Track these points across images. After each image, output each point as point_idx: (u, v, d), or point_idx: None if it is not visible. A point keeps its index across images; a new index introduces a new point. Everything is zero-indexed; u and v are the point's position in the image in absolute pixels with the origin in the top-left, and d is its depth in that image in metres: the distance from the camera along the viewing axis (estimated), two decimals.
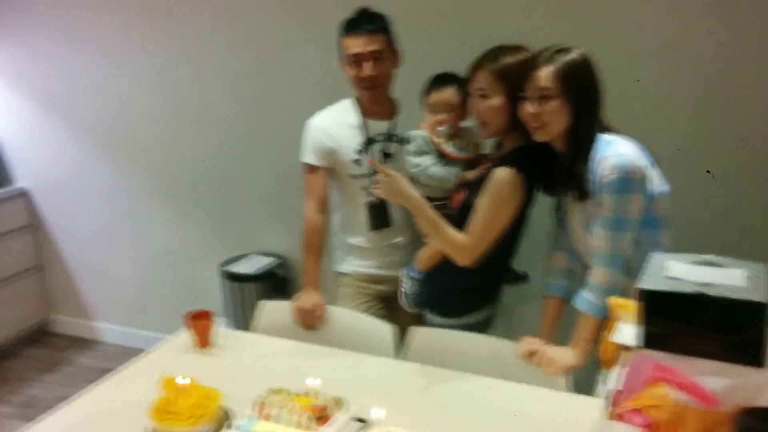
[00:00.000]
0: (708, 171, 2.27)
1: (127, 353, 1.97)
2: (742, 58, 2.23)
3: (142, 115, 3.27)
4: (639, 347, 1.36)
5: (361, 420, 1.54)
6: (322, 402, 1.50)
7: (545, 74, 1.68)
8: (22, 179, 3.66)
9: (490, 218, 1.85)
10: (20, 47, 3.41)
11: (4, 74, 3.50)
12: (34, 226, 3.70)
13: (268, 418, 1.47)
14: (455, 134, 2.05)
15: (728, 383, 1.26)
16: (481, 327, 2.07)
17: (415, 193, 1.90)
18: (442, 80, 2.05)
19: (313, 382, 1.54)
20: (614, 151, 1.66)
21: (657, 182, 1.73)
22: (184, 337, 2.01)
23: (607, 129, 1.76)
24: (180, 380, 1.58)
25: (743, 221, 2.35)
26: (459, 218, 1.93)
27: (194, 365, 1.85)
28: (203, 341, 1.98)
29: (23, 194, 3.64)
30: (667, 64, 2.31)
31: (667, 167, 1.79)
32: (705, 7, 2.23)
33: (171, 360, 1.90)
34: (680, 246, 1.74)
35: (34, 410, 1.97)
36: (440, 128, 2.02)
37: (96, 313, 3.75)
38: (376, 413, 1.44)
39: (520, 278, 2.13)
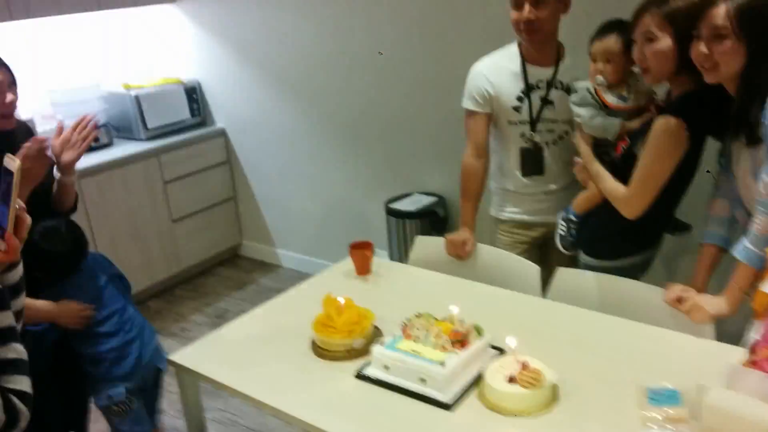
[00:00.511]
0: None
1: (302, 277, 2.22)
2: None
3: (321, 62, 3.51)
4: None
5: (496, 348, 1.65)
6: (462, 328, 1.62)
7: (723, 12, 1.57)
8: (219, 120, 4.11)
9: (652, 170, 1.83)
10: (219, 1, 3.77)
11: (205, 25, 3.91)
12: (229, 161, 4.16)
13: (411, 338, 1.62)
14: (619, 83, 1.99)
15: None
16: (635, 271, 2.07)
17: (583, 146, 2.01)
18: (605, 28, 1.99)
19: (454, 309, 1.66)
20: None
21: None
22: (348, 264, 2.21)
23: None
24: (340, 299, 1.78)
25: None
26: (622, 167, 1.93)
27: (354, 289, 2.06)
28: (363, 269, 2.18)
29: (222, 134, 4.09)
30: None
31: None
32: None
33: (335, 284, 2.11)
34: None
35: (223, 320, 2.31)
36: (599, 77, 1.99)
37: (278, 240, 4.18)
38: (510, 341, 1.53)
39: (683, 228, 2.08)
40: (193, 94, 3.99)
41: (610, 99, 1.99)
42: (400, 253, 3.16)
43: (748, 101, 1.61)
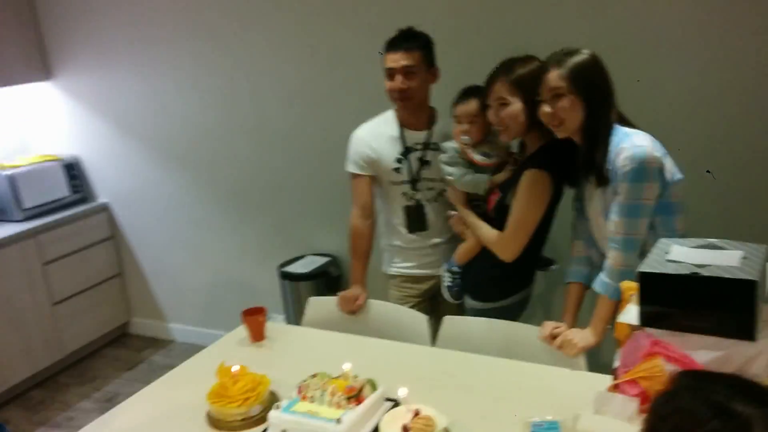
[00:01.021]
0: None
1: (197, 350, 2.20)
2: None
3: (207, 131, 3.54)
4: (638, 326, 1.47)
5: (391, 400, 1.71)
6: (356, 383, 1.67)
7: (555, 75, 1.80)
8: (102, 194, 4.00)
9: (525, 217, 2.04)
10: (99, 75, 3.74)
11: (83, 100, 3.84)
12: (114, 237, 4.04)
13: (308, 398, 1.65)
14: (481, 142, 2.20)
15: (719, 356, 1.36)
16: (516, 309, 2.26)
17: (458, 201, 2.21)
18: (465, 93, 2.21)
19: (347, 366, 1.71)
20: (631, 143, 1.75)
21: (671, 170, 1.81)
22: (242, 332, 2.21)
23: (624, 121, 1.86)
24: (234, 368, 1.79)
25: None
26: (496, 218, 2.12)
27: (249, 356, 2.06)
28: (257, 335, 2.18)
29: (104, 209, 3.98)
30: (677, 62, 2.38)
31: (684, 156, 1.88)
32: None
33: (229, 352, 2.10)
34: (697, 230, 1.83)
35: (112, 405, 2.19)
36: (464, 137, 2.18)
37: (170, 314, 4.06)
38: (401, 391, 1.59)
39: (548, 264, 2.29)
40: (73, 171, 3.88)
41: (477, 157, 2.17)
42: (297, 316, 3.17)
43: (593, 147, 1.83)
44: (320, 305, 2.41)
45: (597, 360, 1.96)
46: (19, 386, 3.55)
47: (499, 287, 2.22)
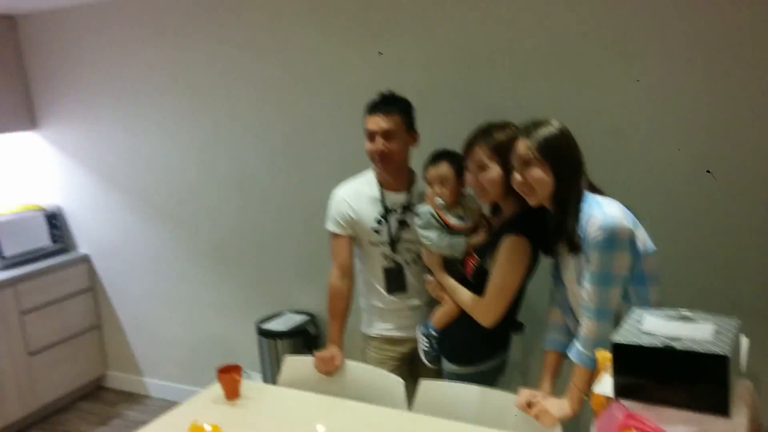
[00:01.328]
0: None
1: (172, 406, 2.16)
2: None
3: (188, 185, 3.56)
4: (613, 397, 1.47)
5: None
6: None
7: (523, 145, 1.86)
8: (82, 245, 3.99)
9: (506, 282, 2.05)
10: (83, 126, 3.78)
11: (68, 151, 3.87)
12: (93, 288, 4.00)
13: None
14: (454, 204, 2.23)
15: (694, 431, 1.35)
16: (494, 373, 2.25)
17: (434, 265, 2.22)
18: (436, 157, 2.25)
19: (321, 429, 1.69)
20: (602, 212, 1.78)
21: (644, 241, 1.84)
22: (217, 389, 2.19)
23: (595, 190, 1.90)
24: (206, 427, 1.76)
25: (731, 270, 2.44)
26: (474, 283, 2.13)
27: (222, 415, 2.03)
28: (232, 393, 2.16)
29: (85, 260, 3.96)
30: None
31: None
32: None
33: (203, 410, 2.08)
34: (672, 299, 1.86)
35: None
36: (438, 200, 2.21)
37: (146, 369, 4.00)
38: None
39: (519, 327, 2.29)
40: (54, 220, 3.87)
41: (452, 220, 2.20)
42: (274, 373, 3.13)
43: (563, 214, 1.87)
44: (296, 364, 2.38)
45: (575, 429, 1.94)
46: None
47: (476, 351, 2.21)
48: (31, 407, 3.63)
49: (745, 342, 1.60)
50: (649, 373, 1.44)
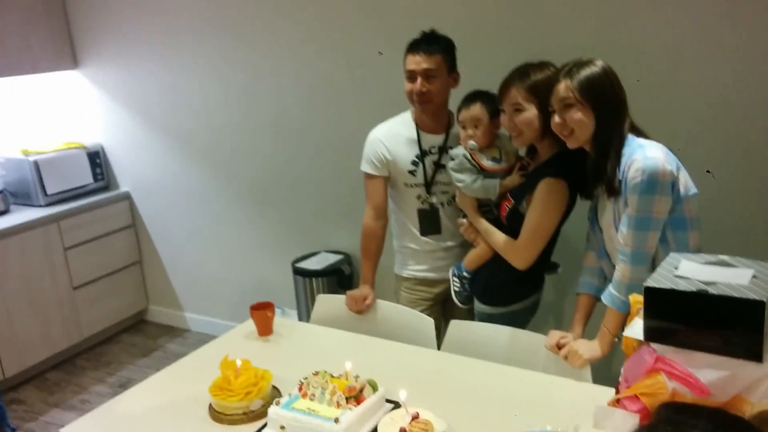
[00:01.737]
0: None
1: (210, 341, 2.23)
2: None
3: (227, 126, 3.57)
4: (643, 341, 1.44)
5: (391, 401, 1.70)
6: (356, 384, 1.67)
7: (564, 86, 1.79)
8: (124, 183, 4.06)
9: (541, 225, 2.02)
10: (124, 66, 3.80)
11: (109, 89, 3.91)
12: (134, 225, 4.10)
13: (308, 396, 1.66)
14: (488, 146, 2.18)
15: (724, 376, 1.33)
16: (526, 314, 2.25)
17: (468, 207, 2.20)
18: (469, 98, 2.19)
19: (348, 365, 1.71)
20: (643, 155, 1.72)
21: (686, 185, 1.77)
22: (251, 326, 2.23)
23: (639, 132, 1.83)
24: (237, 362, 1.80)
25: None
26: (509, 226, 2.11)
27: (254, 350, 2.08)
28: (264, 330, 2.20)
29: (126, 197, 4.05)
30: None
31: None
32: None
33: (236, 346, 2.13)
34: (712, 246, 1.80)
35: (125, 390, 2.22)
36: (471, 142, 2.15)
37: (186, 304, 4.11)
38: (401, 394, 1.59)
39: (554, 267, 2.27)
40: (96, 159, 3.94)
41: (486, 162, 2.15)
42: (308, 311, 3.18)
43: (603, 158, 1.81)
44: (329, 303, 2.41)
45: (606, 372, 1.94)
46: (36, 367, 3.62)
47: (508, 292, 2.20)
48: (76, 338, 3.78)
49: None
50: (682, 317, 1.40)
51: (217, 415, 1.73)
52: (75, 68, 3.95)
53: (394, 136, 2.39)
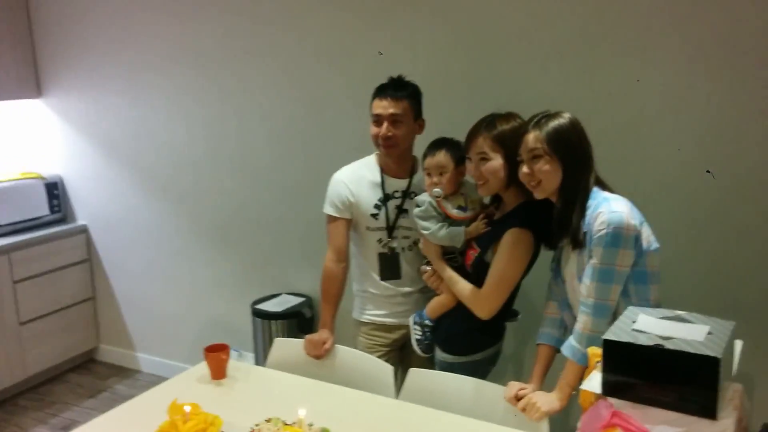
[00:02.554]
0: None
1: (162, 383, 2.15)
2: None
3: (191, 162, 3.52)
4: (601, 394, 1.44)
5: None
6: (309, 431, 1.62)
7: (533, 137, 1.82)
8: (81, 216, 3.96)
9: (506, 275, 2.03)
10: (89, 97, 3.74)
11: (73, 120, 3.84)
12: (90, 260, 3.98)
13: None
14: (453, 194, 2.18)
15: None
16: (487, 364, 2.23)
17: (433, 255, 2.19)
18: (434, 146, 2.20)
19: (302, 413, 1.67)
20: (609, 208, 1.75)
21: (648, 239, 1.80)
22: (204, 368, 2.16)
23: (604, 186, 1.86)
24: (186, 407, 1.74)
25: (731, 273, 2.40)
26: (473, 274, 2.10)
27: (206, 394, 2.00)
28: (218, 373, 2.13)
29: (83, 230, 3.94)
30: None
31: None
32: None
33: (187, 389, 2.05)
34: (673, 300, 1.82)
35: None
36: (436, 190, 2.16)
37: (139, 344, 3.98)
38: None
39: (513, 315, 2.27)
40: (54, 190, 3.85)
41: (452, 211, 2.16)
42: (266, 354, 3.10)
43: (569, 209, 1.83)
44: (286, 346, 2.36)
45: (563, 425, 1.92)
46: None
47: (471, 341, 2.18)
48: (21, 376, 3.62)
49: (738, 345, 1.57)
50: (639, 371, 1.41)
51: None
52: (38, 97, 3.88)
53: (358, 178, 2.39)
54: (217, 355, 2.12)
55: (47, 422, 3.40)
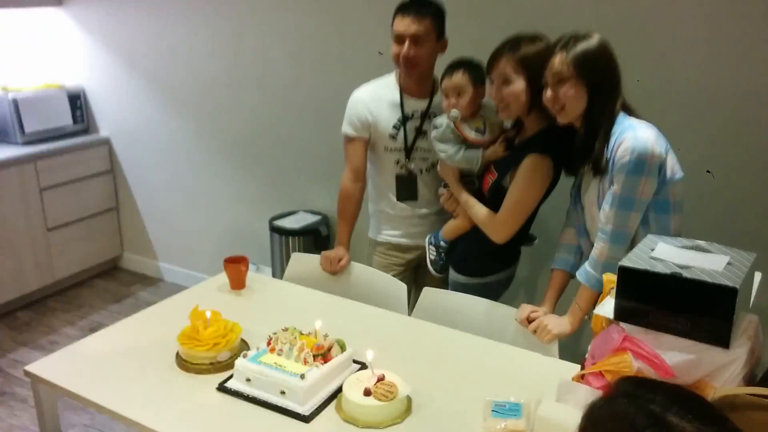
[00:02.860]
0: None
1: (182, 291, 2.21)
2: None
3: (212, 78, 3.50)
4: (613, 319, 1.45)
5: (359, 362, 1.70)
6: (325, 342, 1.67)
7: (559, 60, 1.76)
8: (104, 128, 3.99)
9: (523, 201, 2.01)
10: (109, 8, 3.69)
11: (93, 31, 3.80)
12: (112, 171, 4.04)
13: (275, 351, 1.65)
14: (472, 116, 2.14)
15: (690, 359, 1.34)
16: (500, 287, 2.25)
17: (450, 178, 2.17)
18: (452, 66, 2.14)
19: (318, 324, 1.71)
20: (634, 135, 1.71)
21: (673, 168, 1.77)
22: (224, 279, 2.22)
23: (631, 112, 1.81)
24: (207, 313, 1.79)
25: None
26: (490, 199, 2.09)
27: (226, 303, 2.07)
28: (237, 283, 2.19)
29: (106, 142, 3.98)
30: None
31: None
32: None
33: (207, 297, 2.11)
34: (692, 231, 1.80)
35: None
36: (453, 112, 2.11)
37: (161, 254, 4.09)
38: (368, 354, 1.59)
39: (530, 240, 2.27)
40: (77, 101, 3.86)
41: (470, 134, 2.12)
42: (283, 269, 3.16)
43: (592, 135, 1.79)
44: (303, 261, 2.40)
45: (573, 349, 1.95)
46: (7, 306, 3.59)
47: (484, 264, 2.20)
48: (49, 280, 3.75)
49: (758, 276, 1.56)
50: (653, 299, 1.41)
51: (183, 363, 1.73)
52: (59, 6, 3.83)
53: (377, 98, 2.35)
54: (237, 267, 2.17)
55: (75, 323, 3.55)
